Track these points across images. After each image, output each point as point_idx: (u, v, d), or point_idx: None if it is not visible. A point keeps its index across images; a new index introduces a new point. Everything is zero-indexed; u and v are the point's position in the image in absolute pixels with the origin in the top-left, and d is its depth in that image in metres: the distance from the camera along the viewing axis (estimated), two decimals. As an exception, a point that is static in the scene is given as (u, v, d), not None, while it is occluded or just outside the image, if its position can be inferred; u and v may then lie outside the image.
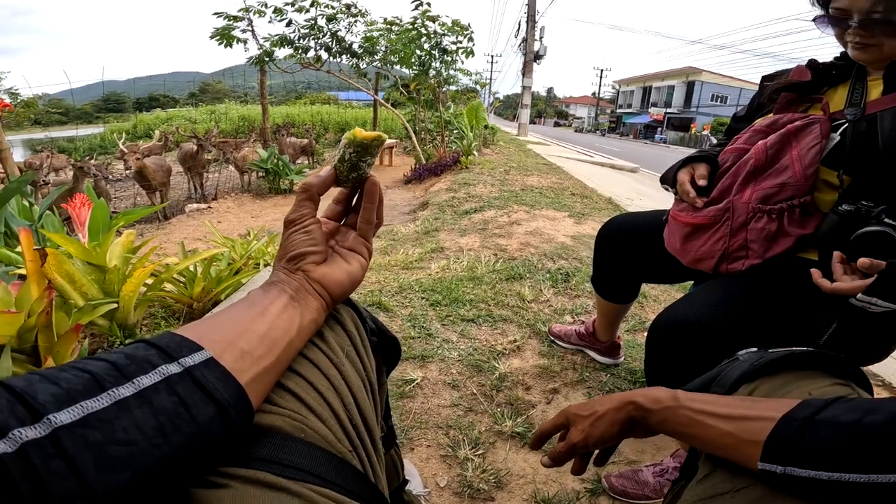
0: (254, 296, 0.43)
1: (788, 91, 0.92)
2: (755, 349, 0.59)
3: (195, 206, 5.52)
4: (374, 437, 0.46)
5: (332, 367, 0.45)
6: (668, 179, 1.03)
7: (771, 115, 0.93)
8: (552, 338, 1.61)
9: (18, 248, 1.82)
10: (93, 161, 4.38)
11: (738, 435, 0.44)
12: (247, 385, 0.36)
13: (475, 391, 1.34)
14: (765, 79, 1.03)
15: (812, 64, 0.93)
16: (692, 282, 1.24)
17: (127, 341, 1.61)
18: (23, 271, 1.57)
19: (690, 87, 38.63)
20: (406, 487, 0.75)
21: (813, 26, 0.86)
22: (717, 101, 37.97)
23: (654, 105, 42.98)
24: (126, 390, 0.29)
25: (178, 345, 0.34)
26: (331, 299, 0.48)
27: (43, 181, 4.20)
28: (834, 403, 0.41)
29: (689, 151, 1.12)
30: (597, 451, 0.63)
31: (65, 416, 0.26)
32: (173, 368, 0.32)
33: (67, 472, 0.24)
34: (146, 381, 0.30)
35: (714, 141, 1.18)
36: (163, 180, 5.14)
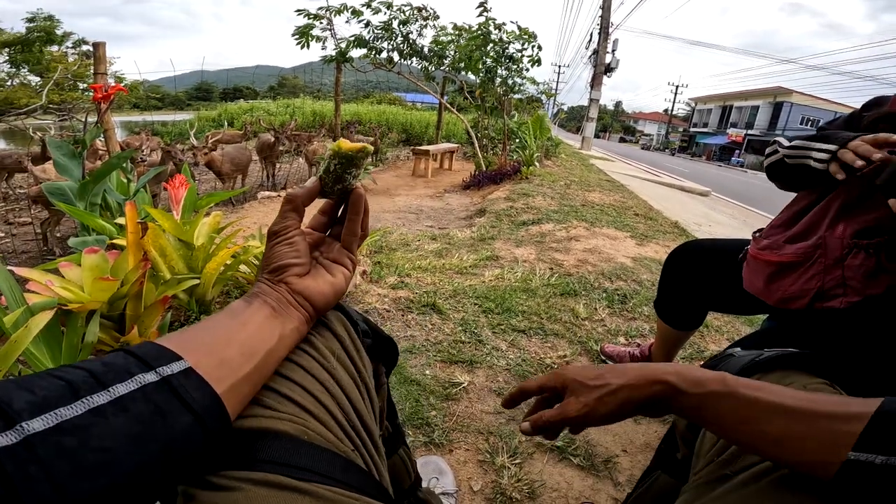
0: (235, 307, 0.43)
1: (887, 122, 0.86)
2: (735, 349, 0.59)
3: (266, 193, 5.86)
4: (373, 437, 0.46)
5: (324, 371, 0.45)
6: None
7: None
8: (603, 357, 1.58)
9: (114, 221, 2.02)
10: (179, 146, 4.78)
11: (817, 433, 0.38)
12: (224, 394, 0.36)
13: (520, 402, 1.35)
14: (864, 108, 0.96)
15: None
16: (763, 316, 1.18)
17: (202, 317, 1.75)
18: (118, 241, 1.75)
19: (778, 108, 35.85)
20: (430, 485, 0.75)
21: None
22: (807, 124, 34.91)
23: (734, 125, 40.41)
24: (101, 398, 0.29)
25: (157, 354, 0.34)
26: (314, 311, 0.47)
27: (141, 159, 4.62)
28: None
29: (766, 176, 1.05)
30: None
31: (38, 424, 0.26)
32: (150, 377, 0.32)
33: (41, 477, 0.25)
34: (122, 389, 0.30)
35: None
36: (230, 170, 5.46)
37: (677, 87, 54.51)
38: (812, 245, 0.84)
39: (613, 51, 16.60)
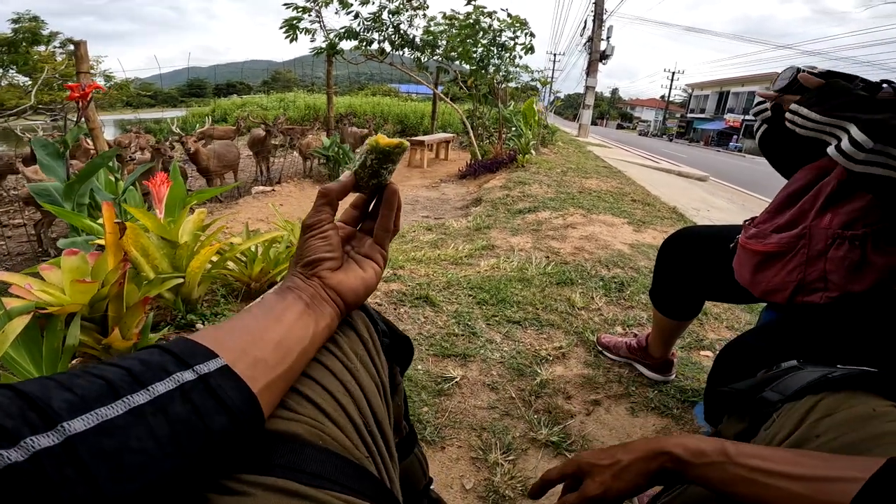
0: (269, 301, 0.43)
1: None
2: (796, 362, 0.57)
3: (260, 188, 5.81)
4: (388, 442, 0.46)
5: (347, 373, 0.45)
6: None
7: None
8: (600, 348, 1.54)
9: (101, 220, 1.98)
10: (168, 143, 4.73)
11: (812, 497, 0.39)
12: (259, 393, 0.36)
13: (514, 395, 1.31)
14: None
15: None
16: (763, 304, 1.14)
17: (188, 316, 1.71)
18: (102, 242, 1.71)
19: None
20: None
21: None
22: (804, 110, 34.78)
23: (731, 111, 40.22)
24: (141, 398, 0.29)
25: (192, 351, 0.34)
26: (345, 306, 0.47)
27: (129, 158, 4.56)
28: None
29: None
30: None
31: (79, 424, 0.26)
32: (188, 375, 0.32)
33: (80, 480, 0.24)
34: (161, 388, 0.30)
35: None
36: (217, 167, 5.38)
37: (673, 73, 54.17)
38: (796, 235, 0.80)
39: (608, 38, 16.48)
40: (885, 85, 0.73)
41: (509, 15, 6.41)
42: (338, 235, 0.48)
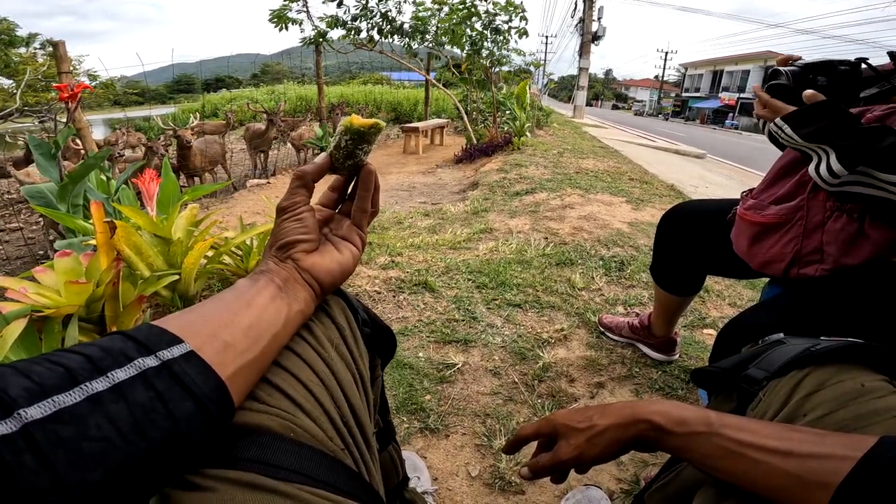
0: (241, 286, 0.42)
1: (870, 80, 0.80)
2: (781, 335, 0.56)
3: (255, 181, 5.76)
4: (366, 434, 0.45)
5: (321, 362, 0.43)
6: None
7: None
8: (602, 329, 1.53)
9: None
10: (161, 141, 4.67)
11: (802, 475, 0.37)
12: (228, 379, 0.34)
13: (517, 380, 1.31)
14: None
15: (893, 55, 0.80)
16: (766, 279, 1.13)
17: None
18: (94, 242, 1.69)
19: (768, 71, 35.78)
20: (410, 485, 0.73)
21: None
22: (797, 88, 34.83)
23: (726, 90, 40.01)
24: (100, 384, 0.28)
25: (156, 337, 0.32)
26: (320, 290, 0.46)
27: (118, 154, 4.51)
28: None
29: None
30: None
31: (35, 412, 0.25)
32: (150, 362, 0.31)
33: (39, 467, 0.24)
34: (121, 374, 0.29)
35: None
36: (202, 164, 5.31)
37: (667, 53, 53.58)
38: (794, 207, 0.80)
39: (599, 18, 16.29)
40: (864, 65, 0.76)
41: (506, 0, 6.30)
42: (313, 218, 0.47)
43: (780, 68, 0.80)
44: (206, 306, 0.38)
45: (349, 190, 0.53)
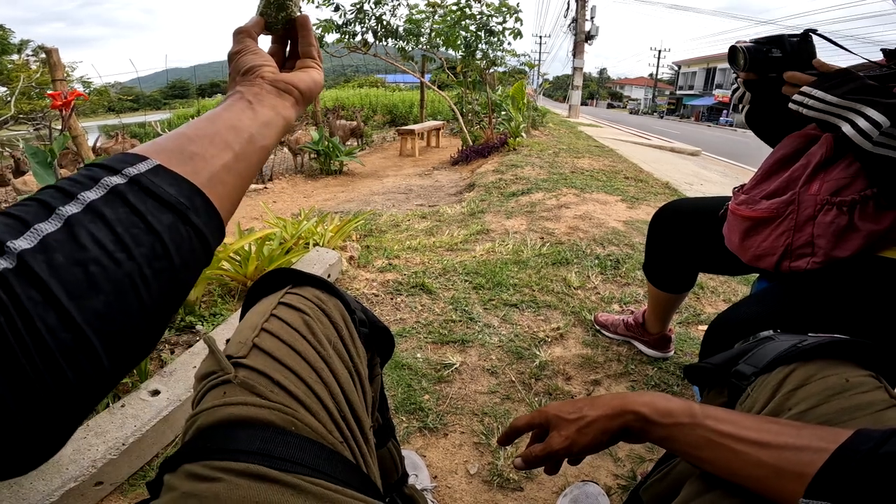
0: (210, 110, 0.40)
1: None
2: (771, 332, 0.56)
3: (252, 186, 5.76)
4: (363, 429, 0.46)
5: (320, 360, 0.45)
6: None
7: None
8: (598, 327, 1.55)
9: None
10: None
11: (778, 465, 0.38)
12: (204, 185, 0.32)
13: (514, 378, 1.32)
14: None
15: (887, 52, 0.82)
16: (757, 275, 1.14)
17: (187, 318, 1.71)
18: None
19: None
20: (410, 482, 0.74)
21: None
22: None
23: (720, 87, 40.14)
24: (73, 207, 0.26)
25: (121, 160, 0.31)
26: (299, 94, 0.44)
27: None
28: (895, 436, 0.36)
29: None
30: None
31: (23, 242, 0.24)
32: (118, 179, 0.29)
33: (44, 302, 0.23)
34: (91, 195, 0.28)
35: None
36: None
37: (660, 51, 53.81)
38: (786, 201, 0.81)
39: (592, 18, 16.37)
40: (811, 35, 0.81)
41: (500, 2, 6.33)
42: (267, 55, 0.46)
43: (738, 46, 0.84)
44: (173, 131, 0.36)
45: (286, 54, 0.52)
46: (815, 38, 0.82)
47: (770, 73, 0.84)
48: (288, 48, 0.52)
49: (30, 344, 0.22)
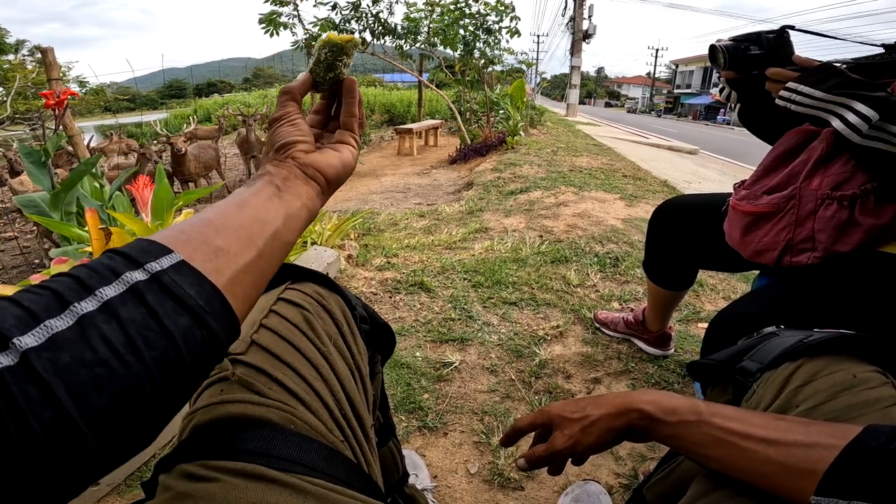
0: (236, 192, 0.39)
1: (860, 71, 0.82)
2: (775, 328, 0.56)
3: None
4: (364, 427, 0.45)
5: (320, 357, 0.44)
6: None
7: None
8: (597, 325, 1.54)
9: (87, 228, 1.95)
10: (154, 147, 4.66)
11: (787, 463, 0.38)
12: (225, 287, 0.31)
13: (514, 377, 1.31)
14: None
15: (888, 46, 0.81)
16: (756, 272, 1.14)
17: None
18: (90, 249, 1.68)
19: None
20: (410, 481, 0.74)
21: None
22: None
23: (717, 85, 40.29)
24: (89, 304, 0.26)
25: (144, 250, 0.30)
26: (325, 183, 0.44)
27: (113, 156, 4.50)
28: None
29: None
30: None
31: (30, 339, 0.23)
32: (139, 275, 0.28)
33: (44, 401, 0.23)
34: (110, 291, 0.27)
35: None
36: (197, 169, 5.29)
37: (657, 50, 53.94)
38: (787, 196, 0.81)
39: (590, 17, 16.39)
40: (787, 32, 0.80)
41: (497, 0, 6.33)
42: (307, 125, 0.47)
43: (717, 45, 0.85)
44: (198, 215, 0.35)
45: (332, 112, 0.53)
46: (798, 34, 0.83)
47: (751, 71, 0.84)
48: (334, 109, 0.53)
49: (18, 440, 0.22)
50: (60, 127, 2.58)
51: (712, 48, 0.86)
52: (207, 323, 0.29)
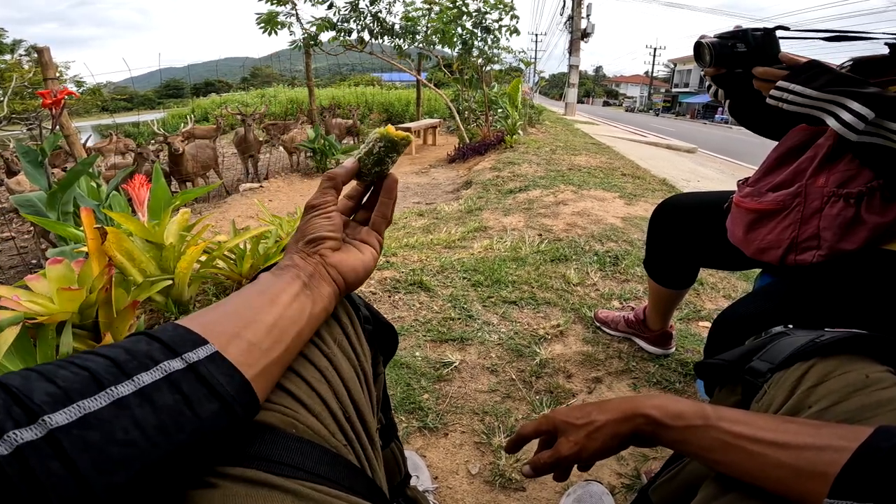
0: (264, 282, 0.42)
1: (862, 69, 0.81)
2: (784, 327, 0.55)
3: (248, 185, 5.73)
4: (369, 430, 0.45)
5: (324, 359, 0.43)
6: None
7: None
8: (598, 324, 1.54)
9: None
10: (151, 147, 4.65)
11: (798, 466, 0.37)
12: (253, 379, 0.34)
13: (514, 377, 1.31)
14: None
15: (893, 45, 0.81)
16: (758, 270, 1.13)
17: (181, 318, 1.69)
18: (86, 249, 1.67)
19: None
20: (411, 483, 0.73)
21: None
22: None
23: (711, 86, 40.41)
24: (126, 388, 0.28)
25: (181, 338, 0.33)
26: (344, 286, 0.46)
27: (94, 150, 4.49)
28: None
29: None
30: None
31: (61, 418, 0.25)
32: (176, 364, 0.31)
33: (66, 474, 0.24)
34: (147, 378, 0.29)
35: None
36: (194, 168, 5.29)
37: (655, 49, 53.98)
38: (792, 193, 0.80)
39: (588, 16, 16.40)
40: (779, 30, 0.79)
41: None
42: (340, 218, 0.48)
43: (703, 41, 0.84)
44: (230, 304, 0.38)
45: (364, 199, 0.54)
46: (797, 32, 0.82)
47: (736, 68, 0.83)
48: (366, 196, 0.54)
49: None
50: (57, 127, 2.57)
51: (698, 44, 0.85)
52: (234, 410, 0.32)
